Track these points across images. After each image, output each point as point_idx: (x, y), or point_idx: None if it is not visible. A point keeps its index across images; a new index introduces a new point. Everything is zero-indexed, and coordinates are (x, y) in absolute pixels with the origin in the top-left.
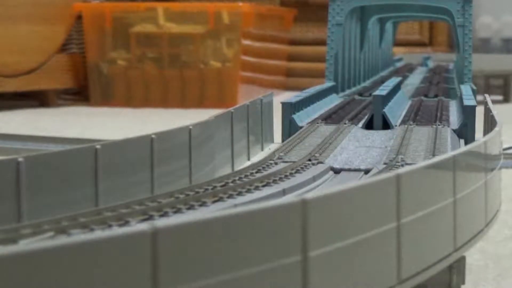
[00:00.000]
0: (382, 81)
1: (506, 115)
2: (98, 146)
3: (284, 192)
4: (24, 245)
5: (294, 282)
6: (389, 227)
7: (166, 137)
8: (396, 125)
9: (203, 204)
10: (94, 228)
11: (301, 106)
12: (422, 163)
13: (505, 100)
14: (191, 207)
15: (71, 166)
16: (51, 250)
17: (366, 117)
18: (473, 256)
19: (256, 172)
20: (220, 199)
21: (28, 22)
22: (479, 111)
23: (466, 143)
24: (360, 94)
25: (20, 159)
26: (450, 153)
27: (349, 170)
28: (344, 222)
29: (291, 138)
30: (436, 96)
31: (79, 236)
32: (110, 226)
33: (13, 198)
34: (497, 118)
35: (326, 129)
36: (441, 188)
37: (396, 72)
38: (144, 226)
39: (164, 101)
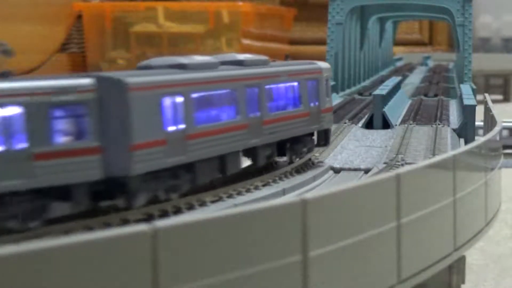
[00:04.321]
0: (382, 80)
1: (506, 114)
2: None
3: (284, 192)
4: (24, 245)
5: (294, 282)
6: (389, 227)
7: None
8: (396, 125)
9: (203, 204)
10: (94, 228)
11: None
12: (422, 163)
13: (505, 100)
14: (191, 207)
15: None
16: (52, 250)
17: (366, 116)
18: (473, 256)
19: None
20: (220, 199)
21: (28, 22)
22: (479, 110)
23: (466, 143)
24: (360, 94)
25: None
26: (450, 153)
27: (349, 169)
28: (344, 222)
29: None
30: (436, 95)
31: (79, 236)
32: (110, 226)
33: None
34: (497, 117)
35: None
36: (441, 188)
37: (396, 72)
38: (144, 226)
39: None
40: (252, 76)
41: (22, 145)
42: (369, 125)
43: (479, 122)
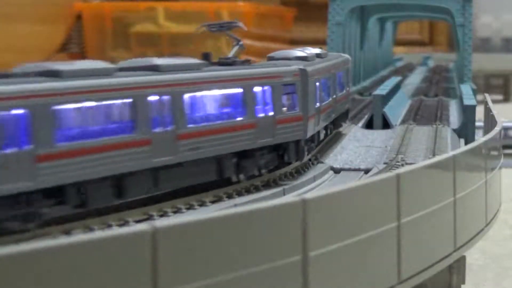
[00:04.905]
0: (382, 80)
1: (506, 114)
2: None
3: (284, 192)
4: (24, 245)
5: (294, 282)
6: (389, 227)
7: None
8: (396, 125)
9: (203, 204)
10: (94, 228)
11: None
12: (422, 163)
13: (505, 100)
14: (191, 207)
15: None
16: (51, 250)
17: (366, 116)
18: (473, 256)
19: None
20: (220, 199)
21: (28, 22)
22: (479, 110)
23: (466, 143)
24: (360, 94)
25: None
26: (450, 153)
27: (349, 169)
28: (344, 222)
29: None
30: (436, 95)
31: (79, 236)
32: (110, 226)
33: None
34: (497, 118)
35: None
36: (441, 188)
37: (396, 72)
38: (144, 226)
39: None
40: (331, 67)
41: (271, 113)
42: (369, 125)
43: (479, 122)
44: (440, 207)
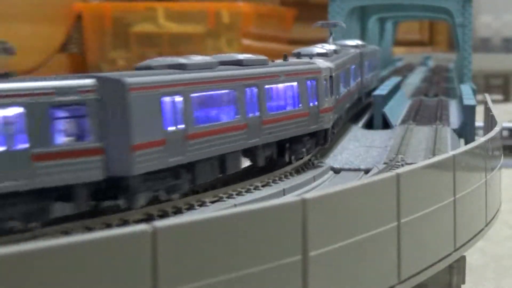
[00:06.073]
0: (382, 80)
1: (506, 114)
2: None
3: (284, 192)
4: (24, 245)
5: (294, 282)
6: (389, 227)
7: None
8: (396, 125)
9: (203, 204)
10: (94, 228)
11: None
12: (422, 163)
13: (505, 100)
14: (191, 207)
15: None
16: (51, 250)
17: (366, 116)
18: (473, 256)
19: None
20: (220, 199)
21: (28, 22)
22: (479, 110)
23: (466, 143)
24: None
25: None
26: (450, 153)
27: (349, 169)
28: (344, 222)
29: None
30: (436, 95)
31: (79, 236)
32: (110, 226)
33: None
34: (497, 118)
35: None
36: (441, 188)
37: (396, 72)
38: (144, 226)
39: None
40: (371, 53)
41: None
42: (369, 125)
43: (479, 122)
44: (440, 207)
